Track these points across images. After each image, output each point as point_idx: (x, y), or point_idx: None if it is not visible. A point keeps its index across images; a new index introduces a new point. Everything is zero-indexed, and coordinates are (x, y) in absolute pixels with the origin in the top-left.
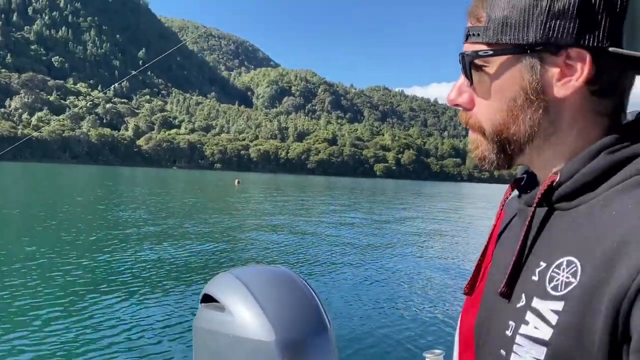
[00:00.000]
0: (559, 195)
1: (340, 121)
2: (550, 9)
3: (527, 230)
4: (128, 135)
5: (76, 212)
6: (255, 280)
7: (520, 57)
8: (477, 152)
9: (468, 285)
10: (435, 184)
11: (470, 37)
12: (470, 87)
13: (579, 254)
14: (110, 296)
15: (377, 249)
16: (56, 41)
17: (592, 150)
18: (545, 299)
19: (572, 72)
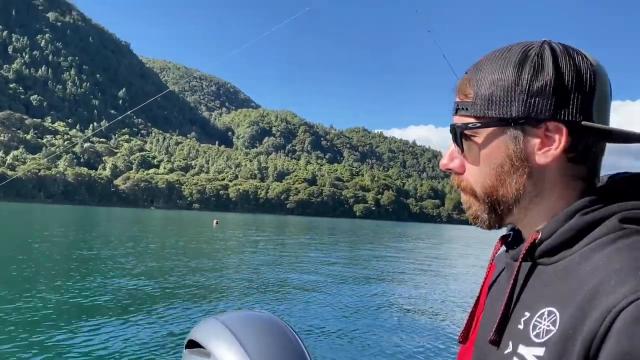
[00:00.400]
0: (541, 252)
1: (320, 161)
2: (530, 88)
3: (514, 283)
4: (105, 175)
5: (49, 254)
6: (241, 326)
7: (504, 129)
8: (470, 212)
9: (462, 334)
10: (415, 225)
11: (459, 111)
12: (461, 154)
13: (558, 305)
14: (89, 342)
15: (363, 294)
16: (35, 80)
17: (569, 211)
18: (529, 346)
19: (551, 143)
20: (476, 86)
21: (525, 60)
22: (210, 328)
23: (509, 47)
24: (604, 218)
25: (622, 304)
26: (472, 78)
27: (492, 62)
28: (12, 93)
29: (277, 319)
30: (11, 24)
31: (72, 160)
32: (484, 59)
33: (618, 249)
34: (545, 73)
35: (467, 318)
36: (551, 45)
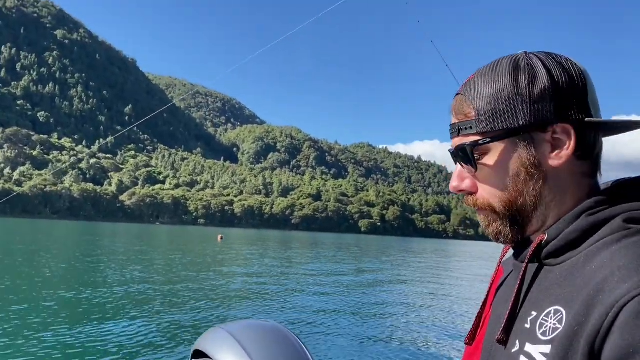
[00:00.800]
0: (547, 253)
1: (324, 177)
2: (530, 95)
3: (521, 284)
4: (111, 191)
5: (58, 268)
6: (247, 335)
7: (514, 139)
8: (491, 229)
9: (469, 335)
10: (421, 240)
11: (462, 131)
12: (472, 173)
13: (565, 304)
14: (95, 354)
15: (368, 303)
16: (42, 96)
17: (575, 212)
18: (536, 344)
19: (561, 145)
20: (475, 103)
21: (517, 70)
22: (216, 337)
23: (496, 61)
24: (609, 218)
25: (625, 299)
26: (467, 97)
27: (485, 78)
28: (20, 109)
29: (283, 328)
30: (19, 42)
31: (78, 176)
32: (474, 77)
33: (622, 248)
34: (540, 79)
35: (475, 320)
36: (535, 54)
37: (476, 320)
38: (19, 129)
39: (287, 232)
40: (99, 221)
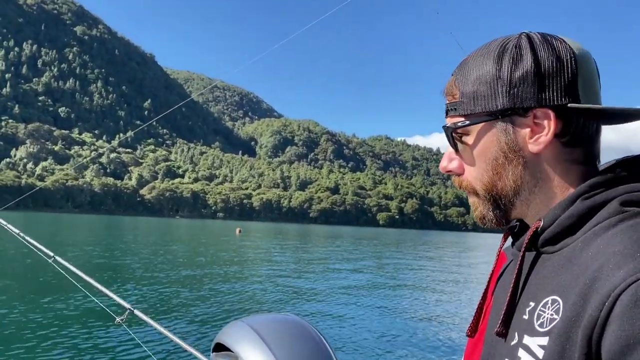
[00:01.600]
0: (544, 240)
1: (342, 170)
2: (512, 78)
3: (518, 274)
4: (131, 185)
5: (79, 257)
6: (268, 329)
7: (493, 123)
8: (477, 213)
9: (470, 327)
10: (440, 233)
11: (449, 112)
12: (457, 155)
13: (561, 293)
14: (118, 344)
15: (386, 296)
16: (63, 92)
17: (570, 198)
18: (534, 336)
19: (541, 129)
20: (461, 85)
21: (504, 53)
22: (237, 331)
23: (488, 43)
24: (606, 202)
25: (621, 287)
26: (457, 78)
27: (474, 60)
28: (41, 105)
29: (303, 321)
30: (40, 39)
31: (99, 170)
32: (467, 59)
33: (618, 232)
34: (525, 62)
35: (475, 311)
36: (529, 36)
37: (477, 312)
38: (40, 124)
39: (305, 225)
40: (119, 215)
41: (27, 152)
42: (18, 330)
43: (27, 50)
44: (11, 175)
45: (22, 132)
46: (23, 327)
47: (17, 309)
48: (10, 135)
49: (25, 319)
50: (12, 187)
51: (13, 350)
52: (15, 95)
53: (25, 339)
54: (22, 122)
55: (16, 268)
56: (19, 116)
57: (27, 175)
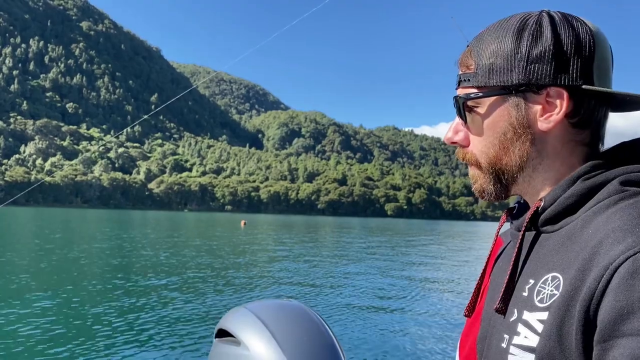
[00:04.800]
0: (544, 219)
1: (350, 161)
2: (530, 55)
3: (518, 253)
4: (140, 179)
5: (90, 250)
6: (270, 315)
7: (506, 97)
8: (476, 186)
9: (467, 307)
10: (448, 223)
11: (462, 83)
12: (464, 126)
13: (562, 270)
14: (124, 332)
15: (389, 284)
16: (71, 88)
17: (571, 178)
18: (533, 311)
19: (552, 108)
20: (477, 57)
21: (524, 29)
22: (240, 317)
23: (508, 17)
24: (606, 182)
25: (619, 260)
26: (473, 50)
27: (492, 33)
28: (49, 101)
29: (305, 307)
30: (47, 35)
31: (107, 165)
32: (485, 31)
33: (618, 210)
34: (544, 40)
35: (473, 292)
36: (550, 14)
37: (475, 292)
38: (49, 120)
39: (312, 217)
40: (128, 209)
41: (35, 148)
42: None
43: (33, 47)
44: (21, 171)
45: (31, 129)
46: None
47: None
48: (19, 132)
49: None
50: (22, 183)
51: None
52: (23, 91)
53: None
54: (30, 118)
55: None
56: (27, 112)
57: (37, 171)
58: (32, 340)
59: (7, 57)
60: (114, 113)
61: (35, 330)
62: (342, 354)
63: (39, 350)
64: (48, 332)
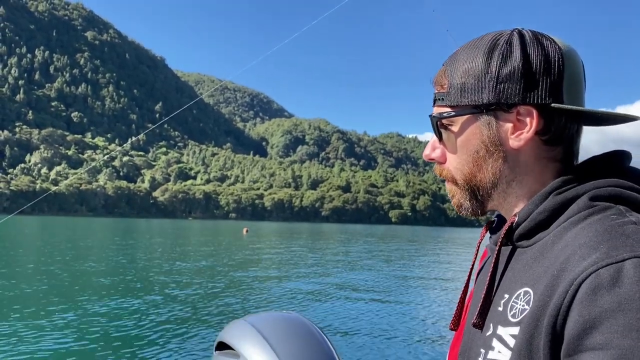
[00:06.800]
0: (518, 235)
1: (353, 168)
2: (499, 74)
3: (494, 268)
4: (144, 187)
5: (91, 260)
6: (270, 327)
7: (477, 115)
8: (454, 201)
9: (452, 321)
10: (453, 229)
11: (437, 102)
12: (440, 144)
13: (533, 285)
14: (124, 343)
15: (389, 295)
16: (75, 97)
17: (543, 193)
18: (506, 326)
19: (523, 126)
20: (450, 77)
21: (494, 48)
22: (239, 330)
23: (481, 37)
24: (576, 197)
25: (583, 276)
26: (447, 69)
27: (465, 53)
28: (54, 111)
29: (304, 320)
30: (52, 45)
31: (112, 174)
32: (458, 50)
33: (586, 226)
34: (513, 59)
35: (457, 305)
36: (521, 33)
37: (459, 306)
38: (54, 129)
39: (316, 224)
40: (133, 217)
41: (41, 157)
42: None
43: (39, 57)
44: (26, 180)
45: (36, 138)
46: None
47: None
48: (24, 141)
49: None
50: (27, 192)
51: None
52: (28, 101)
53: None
54: (35, 127)
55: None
56: (32, 122)
57: (42, 180)
58: (34, 344)
59: (13, 67)
60: (119, 122)
61: (38, 337)
62: None
63: (40, 352)
64: (49, 337)
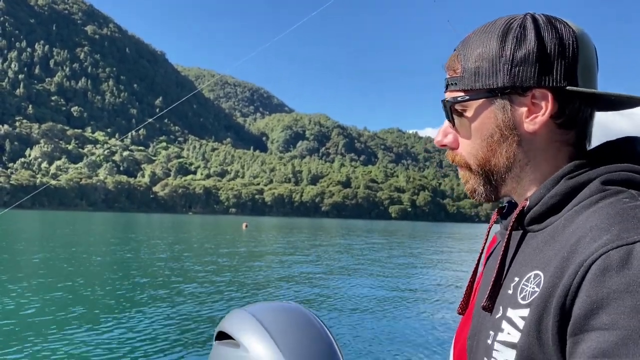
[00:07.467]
0: (530, 219)
1: (353, 164)
2: (514, 58)
3: (505, 251)
4: (144, 182)
5: (92, 254)
6: (269, 316)
7: (492, 99)
8: (467, 186)
9: (460, 305)
10: (453, 225)
11: (449, 87)
12: (453, 129)
13: (543, 268)
14: (122, 335)
15: (387, 284)
16: (75, 91)
17: (555, 177)
18: (516, 308)
19: (538, 109)
20: (464, 61)
21: (508, 32)
22: (239, 319)
23: (493, 21)
24: (588, 181)
25: (593, 257)
26: (459, 54)
27: (478, 37)
28: (54, 105)
29: (304, 309)
30: (52, 39)
31: (112, 168)
32: (471, 35)
33: (597, 209)
34: (528, 42)
35: (466, 290)
36: (534, 17)
37: (467, 290)
38: (54, 124)
39: (316, 219)
40: (133, 212)
41: (41, 151)
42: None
43: (39, 51)
44: (26, 174)
45: (36, 132)
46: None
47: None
48: (24, 136)
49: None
50: (27, 187)
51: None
52: (28, 95)
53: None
54: (35, 122)
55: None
56: (32, 116)
57: (42, 175)
58: (34, 338)
59: (13, 61)
60: (119, 116)
61: (30, 325)
62: (340, 355)
63: (40, 347)
64: (44, 326)
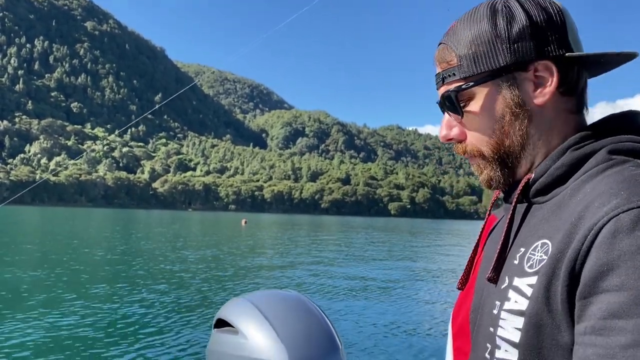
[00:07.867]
0: (535, 191)
1: (353, 161)
2: (510, 36)
3: (510, 223)
4: (144, 178)
5: (93, 249)
6: (268, 304)
7: (497, 81)
8: (483, 176)
9: (460, 280)
10: (452, 222)
11: (446, 79)
12: (457, 121)
13: (551, 236)
14: (123, 325)
15: (383, 273)
16: (75, 87)
17: (561, 149)
18: (523, 277)
19: (544, 81)
20: (457, 49)
21: (496, 14)
22: (238, 307)
23: (474, 8)
24: (594, 152)
25: (603, 221)
26: (449, 44)
27: (465, 24)
28: (54, 101)
29: (302, 297)
30: (52, 35)
31: (112, 165)
32: (455, 25)
33: (605, 177)
34: (518, 19)
35: (466, 265)
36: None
37: (468, 265)
38: (53, 120)
39: (316, 216)
40: (132, 208)
41: (40, 147)
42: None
43: (38, 47)
44: (25, 170)
45: (36, 128)
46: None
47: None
48: (24, 131)
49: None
50: (27, 182)
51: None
52: (28, 91)
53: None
54: (35, 118)
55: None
56: (32, 112)
57: (41, 171)
58: (35, 335)
59: (12, 57)
60: (119, 112)
61: (38, 327)
62: (339, 342)
63: (41, 344)
64: (51, 323)
